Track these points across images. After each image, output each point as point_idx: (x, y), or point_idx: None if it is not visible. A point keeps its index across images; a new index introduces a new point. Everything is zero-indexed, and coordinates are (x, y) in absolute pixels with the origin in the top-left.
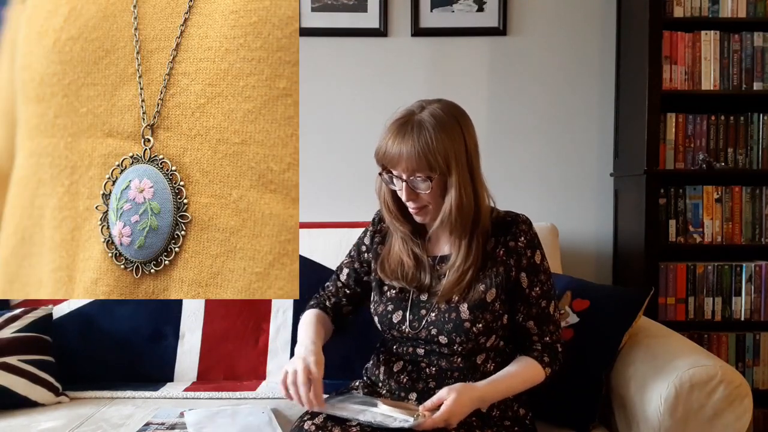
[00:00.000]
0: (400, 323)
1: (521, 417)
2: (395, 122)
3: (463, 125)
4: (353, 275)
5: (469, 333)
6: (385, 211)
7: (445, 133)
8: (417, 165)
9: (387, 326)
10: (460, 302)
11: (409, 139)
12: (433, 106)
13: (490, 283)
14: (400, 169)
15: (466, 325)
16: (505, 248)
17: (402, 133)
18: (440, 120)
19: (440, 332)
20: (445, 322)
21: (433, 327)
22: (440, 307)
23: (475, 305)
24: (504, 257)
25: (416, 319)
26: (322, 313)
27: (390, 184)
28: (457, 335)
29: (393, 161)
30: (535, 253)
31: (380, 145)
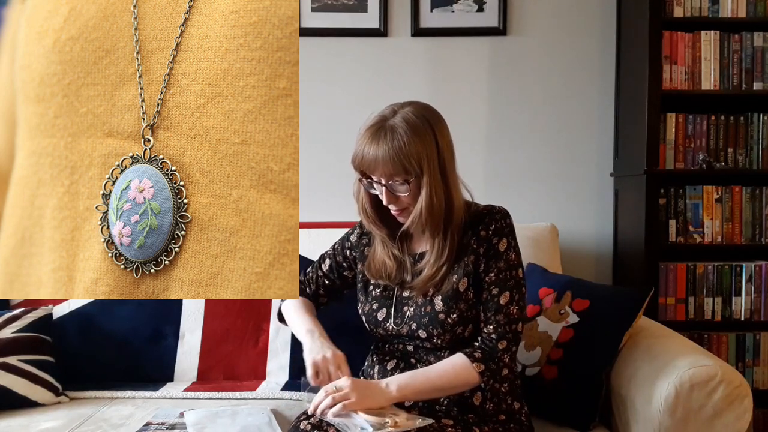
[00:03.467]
0: (385, 321)
1: (515, 410)
2: (369, 129)
3: (435, 127)
4: (335, 267)
5: (444, 324)
6: (363, 215)
7: (417, 137)
8: (393, 170)
9: (373, 325)
10: (434, 295)
11: (383, 145)
12: (405, 110)
13: (462, 273)
14: (378, 174)
15: (441, 316)
16: (477, 237)
17: (376, 139)
18: (412, 123)
19: (419, 327)
20: (421, 315)
21: (412, 322)
22: (417, 302)
23: (448, 296)
24: (475, 246)
25: (399, 315)
26: (309, 302)
27: (371, 189)
28: (433, 328)
29: (370, 167)
30: (501, 241)
31: (356, 152)
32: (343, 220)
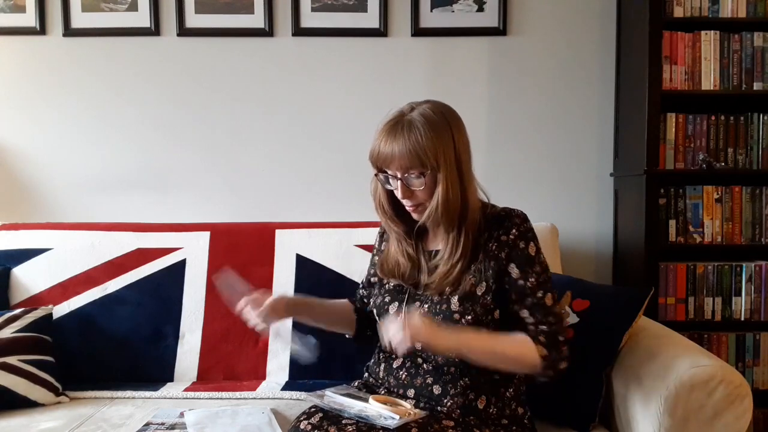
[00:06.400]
0: (396, 315)
1: (519, 416)
2: (387, 124)
3: (452, 124)
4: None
5: (458, 324)
6: (380, 212)
7: (434, 132)
8: (409, 162)
9: (384, 318)
10: (451, 294)
11: (400, 138)
12: (423, 106)
13: (480, 277)
14: (394, 167)
15: (456, 316)
16: (497, 242)
17: (393, 133)
18: (429, 119)
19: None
20: (435, 313)
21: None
22: (432, 299)
23: (464, 297)
24: (496, 251)
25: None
26: (348, 303)
27: (386, 184)
28: (447, 326)
29: (387, 161)
30: (528, 245)
31: (374, 147)
32: (343, 219)
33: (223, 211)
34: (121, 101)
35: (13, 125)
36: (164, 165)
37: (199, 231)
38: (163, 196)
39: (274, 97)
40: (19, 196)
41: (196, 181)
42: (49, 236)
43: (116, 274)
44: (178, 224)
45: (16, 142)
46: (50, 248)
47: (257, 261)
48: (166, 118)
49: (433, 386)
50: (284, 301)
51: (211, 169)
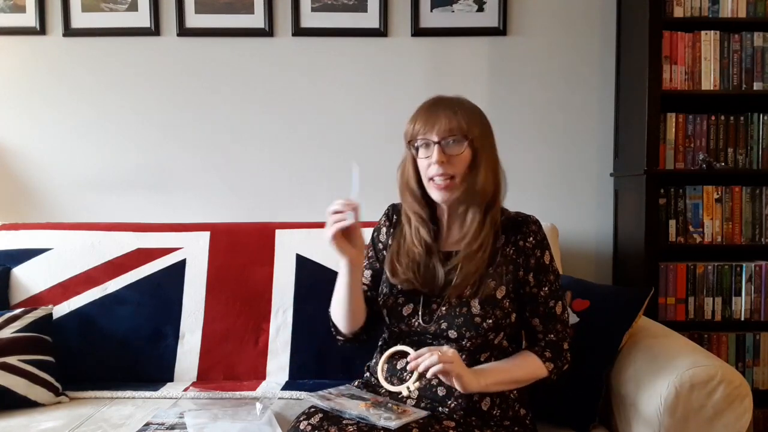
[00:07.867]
0: (410, 317)
1: (522, 417)
2: (430, 100)
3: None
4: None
5: (479, 328)
6: (406, 191)
7: (479, 114)
8: (455, 122)
9: (396, 319)
10: (471, 297)
11: (447, 105)
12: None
13: (500, 281)
14: (436, 129)
15: (477, 320)
16: (515, 247)
17: (438, 103)
18: (473, 104)
19: (450, 326)
20: (455, 316)
21: (443, 321)
22: (451, 302)
23: (485, 301)
24: (514, 256)
25: (427, 312)
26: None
27: (420, 154)
28: (467, 330)
29: (430, 123)
30: (544, 254)
31: (413, 117)
32: None
33: (223, 211)
34: (121, 101)
35: (13, 125)
36: (164, 165)
37: (199, 231)
38: (163, 196)
39: (274, 97)
40: (19, 196)
41: (196, 181)
42: (49, 236)
43: (116, 274)
44: (178, 224)
45: (16, 142)
46: (50, 248)
47: (257, 261)
48: (166, 118)
49: (437, 387)
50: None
51: (211, 169)
